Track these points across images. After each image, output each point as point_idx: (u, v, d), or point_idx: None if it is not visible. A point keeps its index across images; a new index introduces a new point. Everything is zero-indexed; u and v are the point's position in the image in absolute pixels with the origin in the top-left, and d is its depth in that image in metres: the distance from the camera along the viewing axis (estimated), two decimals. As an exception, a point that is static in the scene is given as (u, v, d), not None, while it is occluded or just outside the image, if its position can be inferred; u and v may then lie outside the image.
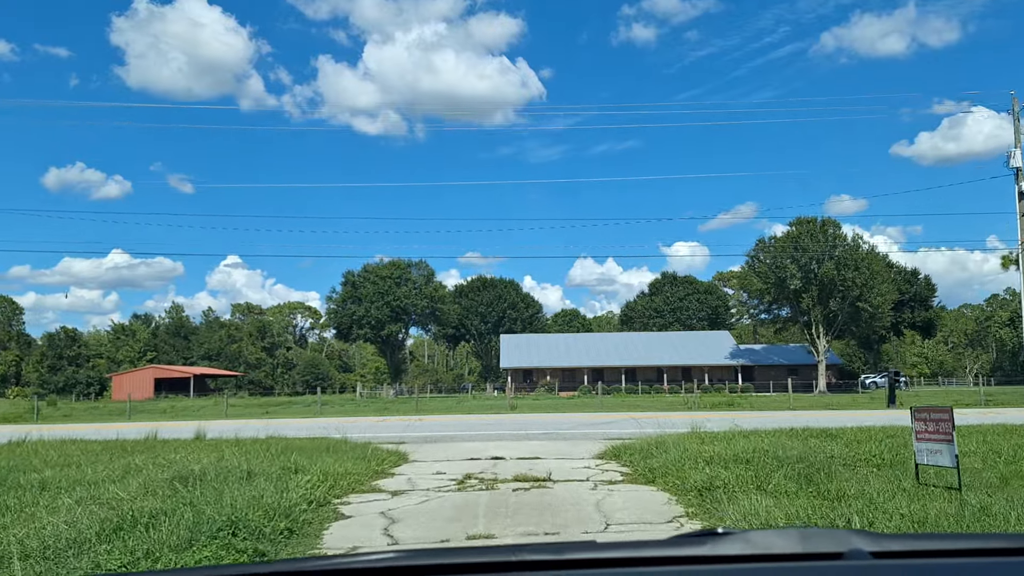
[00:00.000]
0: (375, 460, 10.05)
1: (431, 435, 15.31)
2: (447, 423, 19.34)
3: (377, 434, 16.00)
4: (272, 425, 20.87)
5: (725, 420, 17.66)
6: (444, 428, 17.40)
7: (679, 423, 17.13)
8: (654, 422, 18.03)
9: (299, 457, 9.68)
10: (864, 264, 63.84)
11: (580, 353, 75.32)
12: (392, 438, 14.76)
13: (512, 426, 17.54)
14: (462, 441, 14.11)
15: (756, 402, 40.57)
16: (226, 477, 7.67)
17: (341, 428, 18.15)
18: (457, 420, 20.63)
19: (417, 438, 14.80)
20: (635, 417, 20.51)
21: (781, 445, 9.77)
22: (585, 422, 18.76)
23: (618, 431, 15.62)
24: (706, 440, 10.94)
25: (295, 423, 21.68)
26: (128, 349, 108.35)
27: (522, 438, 14.38)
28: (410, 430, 17.07)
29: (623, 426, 17.24)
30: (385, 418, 22.88)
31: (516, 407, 33.22)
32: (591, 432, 15.44)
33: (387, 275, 67.60)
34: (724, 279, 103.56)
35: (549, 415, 23.27)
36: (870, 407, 28.67)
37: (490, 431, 16.27)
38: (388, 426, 18.45)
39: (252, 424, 21.39)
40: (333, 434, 16.17)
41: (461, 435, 15.24)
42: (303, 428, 18.26)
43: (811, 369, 74.09)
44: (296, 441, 12.72)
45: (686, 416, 21.11)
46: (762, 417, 21.28)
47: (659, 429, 15.27)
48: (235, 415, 36.06)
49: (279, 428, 18.52)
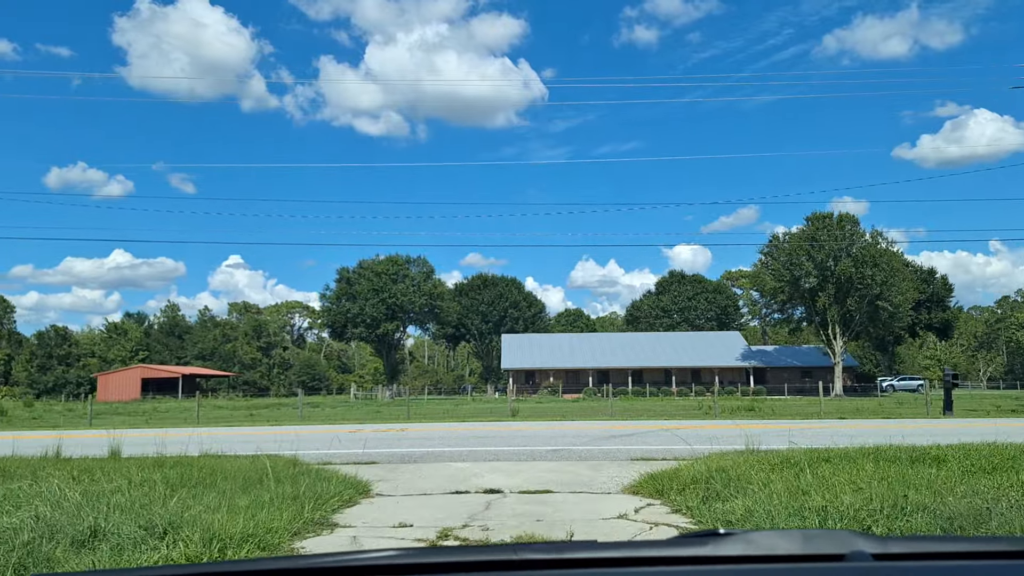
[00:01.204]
0: (317, 499, 6.99)
1: (413, 452, 12.22)
2: (437, 434, 16.22)
3: (349, 449, 12.95)
4: (232, 435, 17.83)
5: (772, 432, 14.59)
6: (432, 441, 14.32)
7: (719, 436, 14.04)
8: (684, 435, 14.94)
9: (205, 495, 6.69)
10: (884, 261, 60.66)
11: (584, 354, 72.21)
12: (364, 456, 11.69)
13: (513, 439, 14.44)
14: (451, 461, 11.04)
15: (777, 407, 37.43)
16: (51, 536, 4.66)
17: (308, 440, 15.11)
18: (449, 430, 17.52)
19: (396, 456, 11.72)
20: (660, 428, 17.40)
21: (907, 481, 6.70)
22: (600, 434, 15.65)
23: (644, 447, 12.57)
24: (786, 466, 7.88)
25: (259, 434, 18.64)
26: (120, 348, 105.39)
27: (525, 457, 11.30)
28: (391, 443, 14.00)
29: (647, 439, 14.16)
30: (363, 427, 19.78)
31: (518, 412, 30.16)
32: (612, 449, 12.36)
33: (383, 271, 64.38)
34: (733, 278, 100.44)
35: (556, 424, 20.17)
36: (918, 414, 25.54)
37: (487, 445, 13.22)
38: (366, 438, 15.36)
39: (218, 434, 18.43)
40: (295, 448, 13.13)
41: (451, 452, 12.17)
42: (264, 440, 15.23)
43: (825, 371, 70.92)
44: (232, 462, 9.71)
45: (719, 426, 18.04)
46: (804, 427, 18.19)
47: (697, 445, 12.19)
48: (214, 420, 33.13)
49: (233, 440, 15.48)
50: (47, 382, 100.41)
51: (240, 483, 7.64)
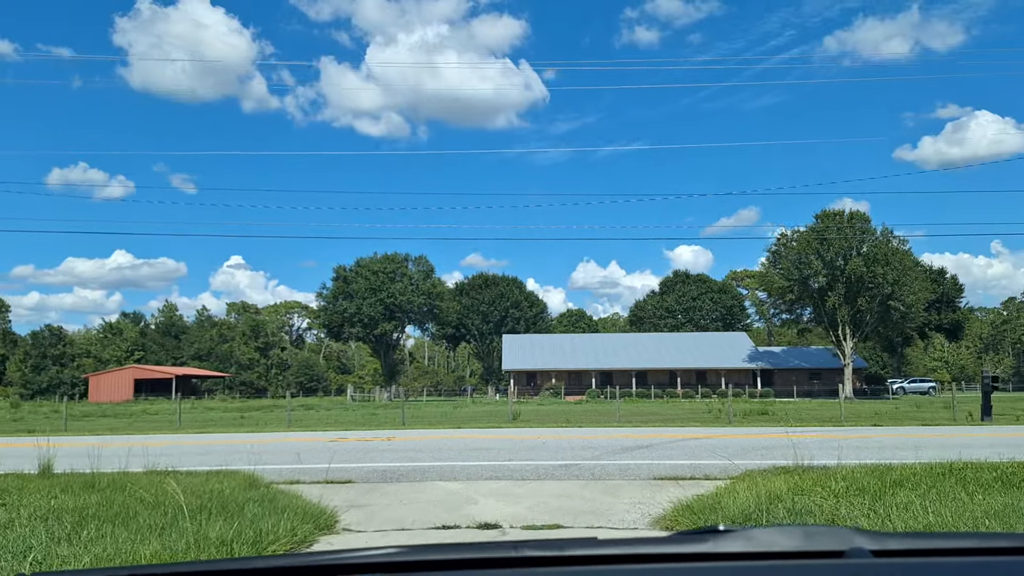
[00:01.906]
0: (255, 543, 5.34)
1: (398, 468, 10.54)
2: (429, 445, 14.50)
3: (325, 463, 11.29)
4: (205, 445, 16.23)
5: (806, 443, 12.92)
6: (422, 454, 12.62)
7: (748, 448, 12.37)
8: (709, 447, 13.27)
9: (115, 533, 5.09)
10: (896, 260, 58.95)
11: (587, 355, 70.50)
12: (339, 473, 10.03)
13: (515, 451, 12.75)
14: (441, 479, 9.38)
15: (791, 411, 35.73)
16: None
17: (283, 452, 13.47)
18: (443, 439, 15.81)
19: (376, 473, 10.06)
20: (678, 437, 15.73)
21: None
22: (613, 445, 13.95)
23: (666, 461, 10.91)
24: (854, 492, 6.24)
25: (236, 442, 16.99)
26: (115, 348, 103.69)
27: (529, 475, 9.64)
28: (374, 456, 12.32)
29: (669, 452, 12.49)
30: (347, 435, 18.10)
31: (519, 415, 28.51)
32: (629, 464, 10.68)
33: (380, 269, 62.58)
34: (738, 278, 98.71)
35: (562, 432, 18.47)
36: (944, 419, 23.86)
37: (484, 459, 11.56)
38: (347, 450, 13.69)
39: (191, 443, 16.86)
40: (268, 461, 11.54)
41: (442, 468, 10.50)
42: (235, 452, 13.62)
43: (834, 373, 69.20)
44: (180, 481, 8.07)
45: (739, 435, 16.36)
46: (835, 436, 16.52)
47: (729, 460, 10.53)
48: (200, 424, 31.57)
49: (202, 451, 13.88)
50: (41, 382, 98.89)
51: (168, 517, 6.01)
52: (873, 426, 19.20)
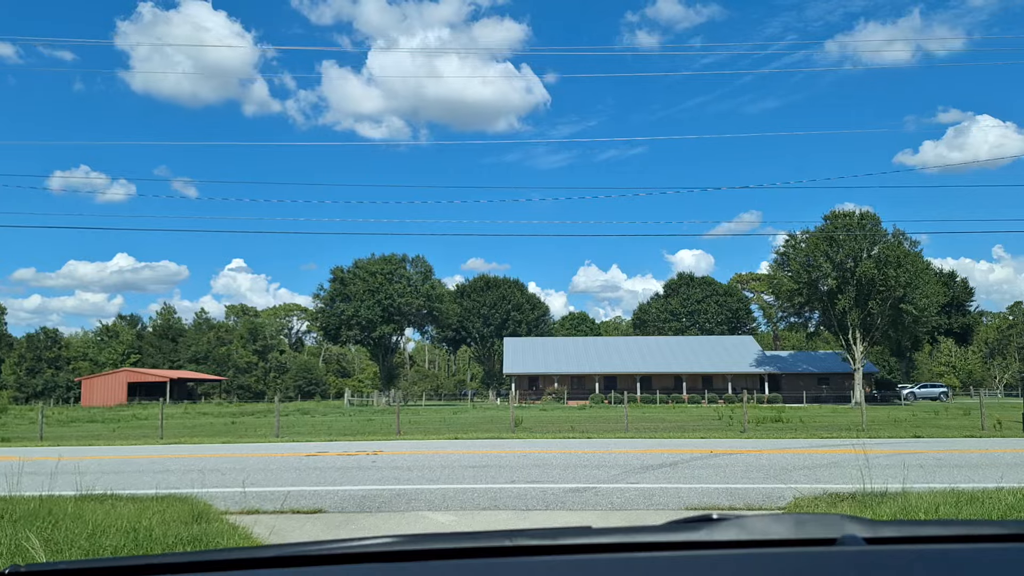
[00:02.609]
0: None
1: (379, 492, 8.98)
2: (419, 461, 12.90)
3: (294, 485, 9.77)
4: (175, 459, 14.73)
5: (853, 459, 11.39)
6: (410, 473, 11.05)
7: (789, 467, 10.81)
8: (740, 465, 11.73)
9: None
10: (908, 262, 57.34)
11: (591, 359, 68.90)
12: (310, 500, 8.50)
13: (518, 470, 11.19)
14: (428, 509, 7.85)
15: (806, 418, 34.18)
16: None
17: (255, 469, 11.95)
18: (437, 454, 14.24)
19: (353, 499, 8.51)
20: (701, 452, 14.18)
21: None
22: (630, 461, 12.35)
23: (696, 484, 9.36)
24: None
25: (209, 455, 15.49)
26: (111, 351, 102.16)
27: (535, 503, 8.09)
28: (353, 476, 10.75)
29: (696, 471, 10.93)
30: (329, 448, 16.54)
31: (521, 422, 27.00)
32: (654, 489, 9.12)
33: (378, 270, 61.05)
34: (743, 281, 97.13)
35: (569, 443, 16.90)
36: (972, 429, 22.29)
37: (483, 479, 10.01)
38: (325, 467, 12.14)
39: (159, 457, 15.42)
40: (235, 480, 10.04)
41: (432, 492, 8.96)
42: (201, 467, 12.12)
43: (844, 378, 67.59)
44: (121, 505, 6.61)
45: (764, 450, 14.81)
46: (883, 452, 14.97)
47: (768, 483, 8.99)
48: (187, 431, 30.13)
49: (167, 468, 12.40)
50: (36, 386, 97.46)
51: None
52: (914, 438, 17.61)
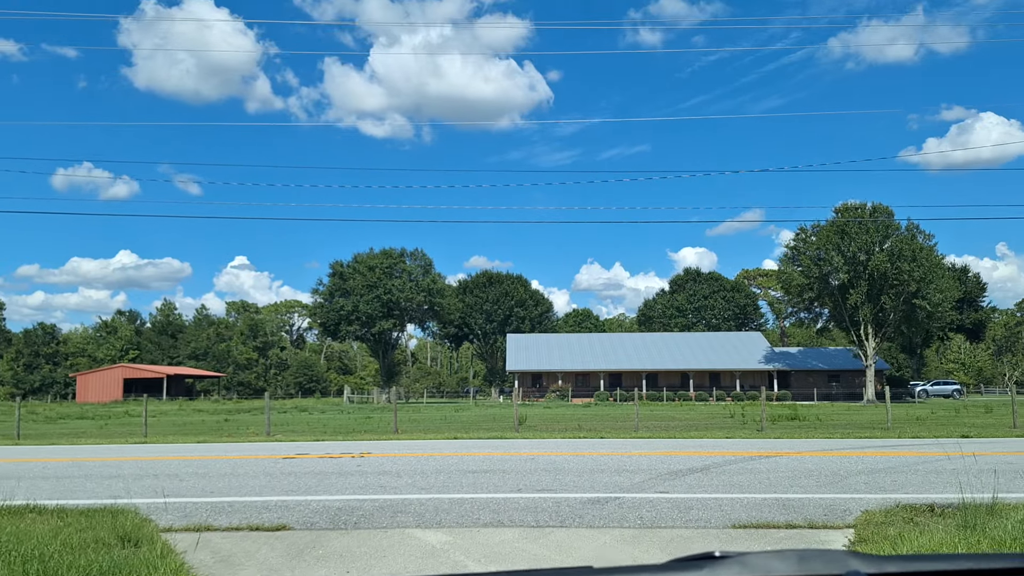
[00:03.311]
0: None
1: (361, 504, 7.56)
2: (412, 466, 11.46)
3: (263, 495, 8.38)
4: (145, 461, 13.39)
5: (908, 461, 9.97)
6: (400, 479, 9.60)
7: (841, 472, 9.35)
8: (783, 469, 10.31)
9: None
10: (922, 256, 55.81)
11: (595, 355, 67.46)
12: (275, 512, 7.11)
13: (526, 475, 9.76)
14: (418, 526, 6.44)
15: (823, 416, 32.76)
16: None
17: (225, 475, 10.58)
18: (432, 456, 12.80)
19: (328, 512, 7.10)
20: (733, 455, 12.75)
21: None
22: (655, 465, 10.85)
23: (737, 494, 7.93)
24: None
25: (184, 458, 14.12)
26: (109, 347, 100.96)
27: (548, 518, 6.66)
28: (333, 483, 9.32)
29: (729, 475, 9.49)
30: (311, 450, 15.14)
31: (525, 420, 25.57)
32: (689, 500, 7.68)
33: (377, 265, 59.55)
34: (750, 277, 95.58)
35: (579, 443, 15.48)
36: (1002, 427, 20.85)
37: (484, 487, 8.59)
38: (301, 472, 10.73)
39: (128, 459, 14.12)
40: (177, 493, 8.68)
41: (423, 503, 7.55)
42: (152, 473, 10.76)
43: (854, 375, 66.12)
44: (48, 519, 5.23)
45: (793, 451, 13.38)
46: (929, 453, 13.56)
47: (828, 493, 7.57)
48: (176, 428, 28.89)
49: (101, 475, 11.05)
50: (33, 381, 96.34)
51: None
52: (962, 437, 16.15)
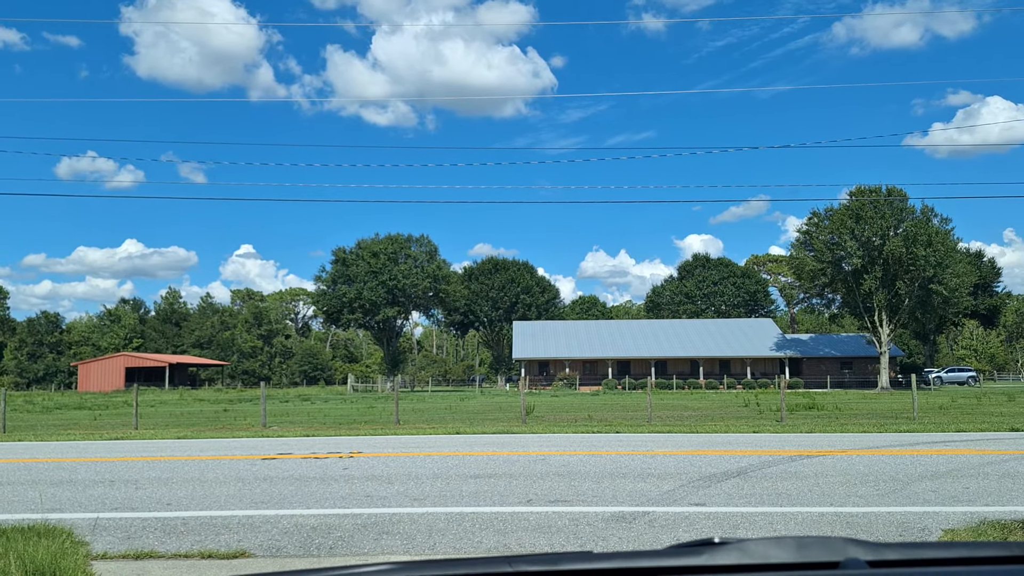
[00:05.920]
0: None
1: (341, 521, 6.40)
2: (407, 468, 10.29)
3: (222, 508, 7.23)
4: (115, 463, 12.33)
5: (967, 460, 8.79)
6: (391, 485, 8.38)
7: (902, 478, 8.17)
8: (842, 473, 9.15)
9: None
10: (938, 241, 54.38)
11: (603, 343, 66.30)
12: (236, 531, 5.97)
13: (535, 475, 8.60)
14: (403, 553, 5.29)
15: (841, 404, 31.56)
16: None
17: (177, 479, 9.47)
18: (430, 455, 11.66)
19: (299, 533, 5.91)
20: (769, 454, 11.58)
21: None
22: (680, 468, 9.58)
23: (788, 507, 6.74)
24: None
25: (157, 459, 13.05)
26: (112, 336, 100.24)
27: (565, 540, 5.50)
28: (314, 493, 8.12)
29: (773, 482, 8.29)
30: (293, 450, 14.02)
31: (533, 410, 24.48)
32: (731, 515, 6.47)
33: (381, 251, 58.34)
34: (760, 263, 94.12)
35: (594, 439, 14.33)
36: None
37: (487, 499, 7.40)
38: (277, 477, 9.57)
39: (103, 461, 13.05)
40: (128, 506, 7.60)
41: (415, 519, 6.38)
42: (99, 477, 9.69)
43: (867, 362, 64.82)
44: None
45: (830, 451, 12.21)
46: (993, 453, 12.39)
47: (890, 506, 6.41)
48: (172, 418, 27.97)
49: (50, 480, 9.98)
50: (37, 371, 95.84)
51: None
52: (1011, 431, 14.90)
